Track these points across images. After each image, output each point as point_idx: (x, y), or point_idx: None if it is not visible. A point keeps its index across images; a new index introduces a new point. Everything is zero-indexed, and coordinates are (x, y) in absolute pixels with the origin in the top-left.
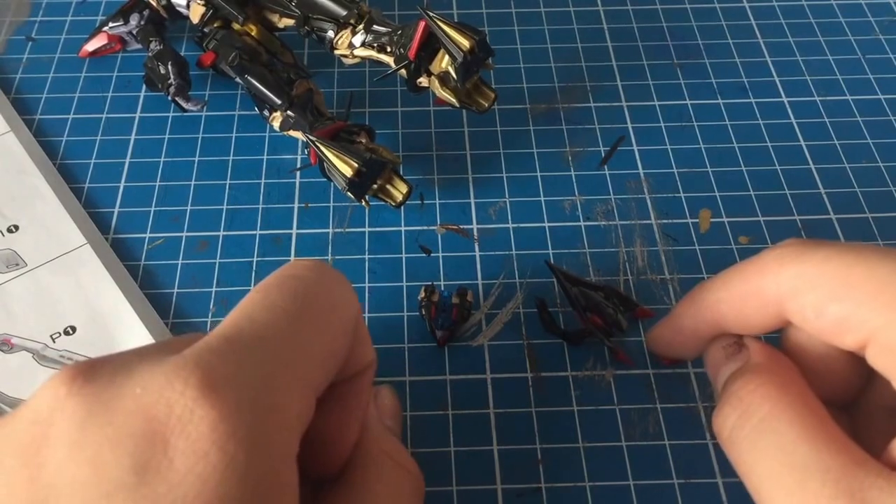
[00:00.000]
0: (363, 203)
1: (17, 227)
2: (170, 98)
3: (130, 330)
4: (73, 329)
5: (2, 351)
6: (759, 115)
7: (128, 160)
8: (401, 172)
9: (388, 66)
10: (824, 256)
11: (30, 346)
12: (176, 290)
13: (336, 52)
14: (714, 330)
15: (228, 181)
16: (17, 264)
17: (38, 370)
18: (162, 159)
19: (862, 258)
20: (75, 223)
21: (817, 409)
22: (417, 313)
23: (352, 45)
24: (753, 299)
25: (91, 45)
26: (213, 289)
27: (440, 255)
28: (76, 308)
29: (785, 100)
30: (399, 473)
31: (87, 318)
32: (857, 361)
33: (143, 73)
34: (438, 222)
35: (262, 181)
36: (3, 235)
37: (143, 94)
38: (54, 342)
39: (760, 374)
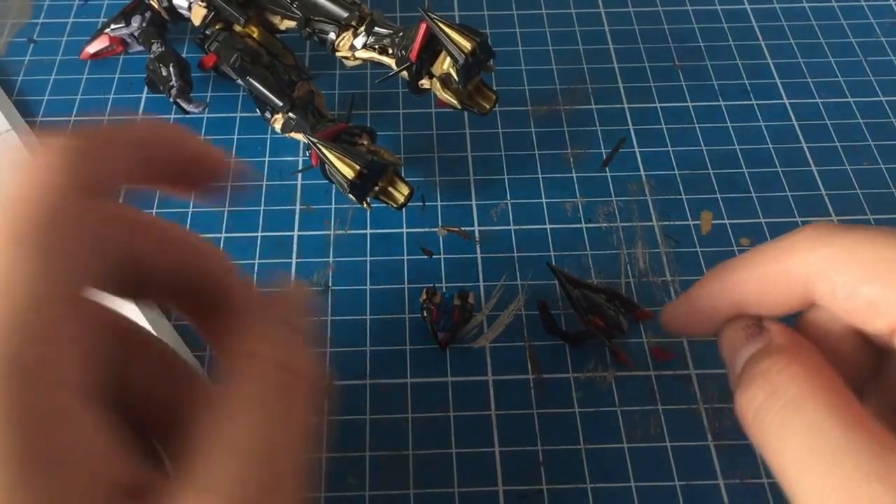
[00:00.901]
0: (365, 205)
1: None
2: (171, 100)
3: None
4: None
5: None
6: (760, 117)
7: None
8: (402, 174)
9: (389, 67)
10: (855, 239)
11: None
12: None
13: (337, 53)
14: (734, 310)
15: (230, 183)
16: None
17: None
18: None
19: (894, 241)
20: None
21: (845, 392)
22: (419, 315)
23: (353, 46)
24: (780, 279)
25: (93, 47)
26: None
27: (442, 256)
28: None
29: (786, 101)
30: (273, 375)
31: None
32: (871, 347)
33: (144, 75)
34: (440, 224)
35: (264, 183)
36: None
37: (144, 95)
38: None
39: (788, 355)
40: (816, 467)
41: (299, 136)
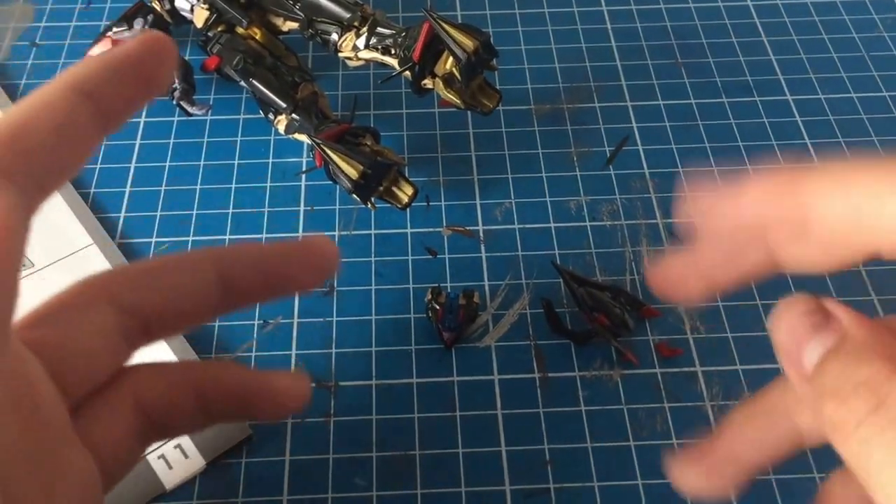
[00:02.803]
0: (369, 205)
1: None
2: (174, 102)
3: None
4: None
5: None
6: (763, 114)
7: (133, 165)
8: (406, 174)
9: (392, 68)
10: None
11: None
12: None
13: (340, 54)
14: (757, 259)
15: (234, 185)
16: (24, 265)
17: None
18: (167, 164)
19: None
20: (82, 224)
21: None
22: (424, 315)
23: (356, 47)
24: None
25: (95, 51)
26: None
27: (446, 256)
28: None
29: (789, 98)
30: None
31: None
32: None
33: None
34: (444, 224)
35: (268, 184)
36: None
37: None
38: None
39: (887, 356)
40: None
41: (303, 138)
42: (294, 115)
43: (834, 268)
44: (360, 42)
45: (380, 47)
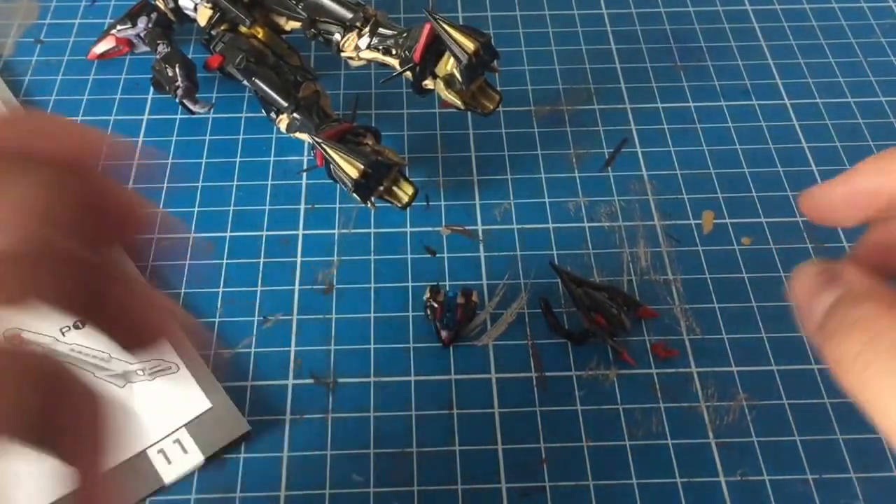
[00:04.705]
0: (369, 205)
1: None
2: (177, 100)
3: None
4: (83, 323)
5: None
6: (761, 118)
7: (136, 162)
8: (406, 174)
9: (393, 68)
10: None
11: (40, 340)
12: (183, 291)
13: (342, 54)
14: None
15: (235, 182)
16: None
17: None
18: (169, 161)
19: None
20: None
21: None
22: (423, 313)
23: (358, 47)
24: None
25: (99, 48)
26: (221, 289)
27: (445, 255)
28: None
29: (787, 102)
30: None
31: None
32: None
33: (150, 76)
34: (444, 223)
35: (269, 183)
36: None
37: (150, 96)
38: (64, 336)
39: (882, 300)
40: None
41: (304, 137)
42: (295, 114)
43: None
44: (362, 42)
45: (381, 48)
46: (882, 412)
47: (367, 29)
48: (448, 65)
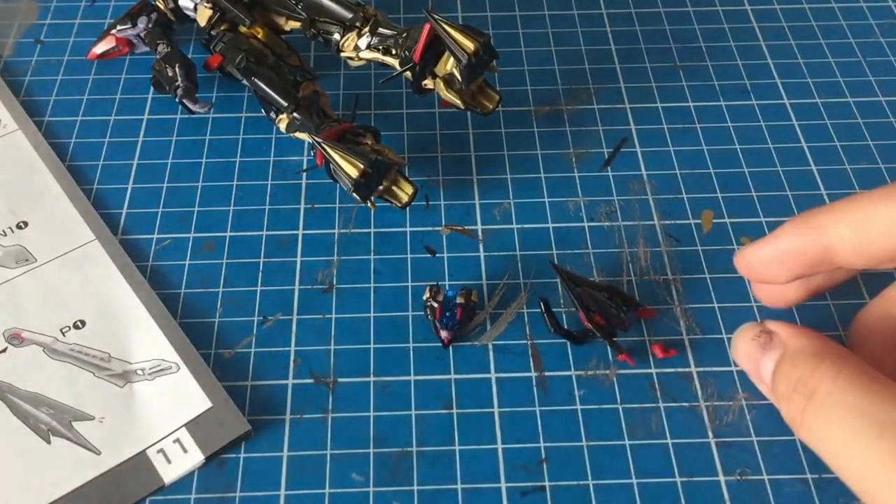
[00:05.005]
0: (369, 204)
1: (25, 224)
2: (177, 100)
3: (139, 323)
4: (83, 323)
5: (12, 345)
6: (760, 117)
7: (135, 162)
8: (406, 174)
9: (393, 68)
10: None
11: (40, 340)
12: (183, 291)
13: (342, 54)
14: (821, 256)
15: (235, 182)
16: (26, 260)
17: (48, 364)
18: (169, 161)
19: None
20: (84, 219)
21: (873, 373)
22: (422, 313)
23: (357, 47)
24: (881, 225)
25: (99, 48)
26: (220, 289)
27: (445, 255)
28: (85, 302)
29: (786, 101)
30: None
31: (96, 312)
32: None
33: (150, 76)
34: (443, 223)
35: (269, 182)
36: (13, 232)
37: (150, 96)
38: (64, 336)
39: (814, 356)
40: (862, 444)
41: (304, 136)
42: (295, 114)
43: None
44: (362, 42)
45: (381, 48)
46: (833, 456)
47: (366, 29)
48: (448, 65)
